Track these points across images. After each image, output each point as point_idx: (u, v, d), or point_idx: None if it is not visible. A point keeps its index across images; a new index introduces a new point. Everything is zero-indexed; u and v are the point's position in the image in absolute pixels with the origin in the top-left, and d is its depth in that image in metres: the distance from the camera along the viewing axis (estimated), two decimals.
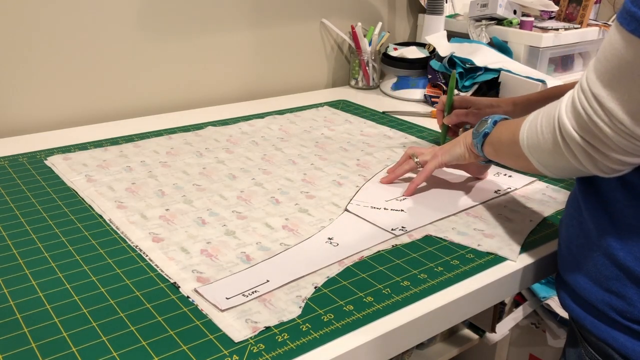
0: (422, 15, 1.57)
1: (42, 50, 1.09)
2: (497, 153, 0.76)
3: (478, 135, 0.78)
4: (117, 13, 1.16)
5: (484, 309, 0.69)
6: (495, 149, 0.75)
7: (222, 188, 0.88)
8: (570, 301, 0.66)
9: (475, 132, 0.79)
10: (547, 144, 0.61)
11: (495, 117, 0.77)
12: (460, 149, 0.83)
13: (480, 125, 0.79)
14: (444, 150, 0.85)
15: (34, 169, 0.93)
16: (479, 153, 0.79)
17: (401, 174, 0.90)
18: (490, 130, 0.76)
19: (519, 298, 1.35)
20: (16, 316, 0.58)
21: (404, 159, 0.91)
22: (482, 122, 0.78)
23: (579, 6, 1.45)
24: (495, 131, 0.75)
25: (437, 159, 0.85)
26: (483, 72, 1.28)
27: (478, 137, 0.78)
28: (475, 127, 0.80)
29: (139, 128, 1.13)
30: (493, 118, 0.77)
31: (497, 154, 0.76)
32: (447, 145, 0.86)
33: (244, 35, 1.34)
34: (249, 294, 0.62)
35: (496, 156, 0.77)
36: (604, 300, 0.61)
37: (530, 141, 0.64)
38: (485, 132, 0.76)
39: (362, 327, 0.58)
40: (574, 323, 0.69)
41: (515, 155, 0.68)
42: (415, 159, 0.89)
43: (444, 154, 0.85)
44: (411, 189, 0.87)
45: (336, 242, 0.74)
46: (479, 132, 0.78)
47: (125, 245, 0.72)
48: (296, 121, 1.20)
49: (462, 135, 0.85)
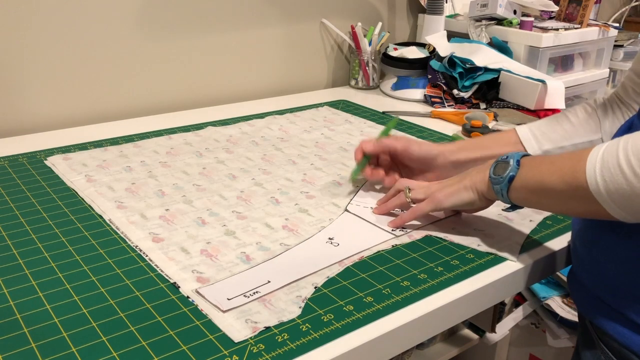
0: (422, 15, 1.57)
1: (42, 51, 1.09)
2: (533, 198, 0.65)
3: (500, 180, 0.67)
4: (117, 13, 1.16)
5: (484, 309, 0.69)
6: (532, 194, 0.65)
7: (222, 188, 0.88)
8: (588, 304, 0.65)
9: (493, 176, 0.68)
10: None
11: (515, 155, 0.67)
12: (468, 194, 0.72)
13: (499, 167, 0.68)
14: (445, 193, 0.73)
15: (34, 169, 0.93)
16: (504, 200, 0.68)
17: (391, 208, 0.80)
18: (516, 173, 0.66)
19: (519, 298, 1.35)
20: (16, 316, 0.58)
21: (394, 192, 0.81)
22: (501, 164, 0.68)
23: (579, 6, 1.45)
24: (526, 172, 0.65)
25: (434, 202, 0.74)
26: (483, 72, 1.28)
27: (501, 182, 0.67)
28: (493, 169, 0.69)
29: (139, 128, 1.13)
30: (513, 157, 0.67)
31: (534, 199, 0.65)
32: (448, 186, 0.74)
33: (243, 35, 1.34)
34: (250, 295, 0.62)
35: (531, 201, 0.66)
36: (626, 304, 0.60)
37: (612, 185, 0.54)
38: (510, 175, 0.66)
39: (362, 327, 0.58)
40: (592, 326, 0.68)
41: (571, 199, 0.59)
42: (407, 194, 0.77)
43: (446, 197, 0.73)
44: (397, 223, 0.77)
45: (337, 242, 0.74)
46: (501, 177, 0.67)
47: (125, 246, 0.72)
48: (296, 121, 1.20)
49: (464, 176, 0.73)
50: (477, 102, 1.30)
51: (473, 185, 0.71)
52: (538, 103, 1.22)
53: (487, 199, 0.71)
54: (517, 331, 1.35)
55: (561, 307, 1.28)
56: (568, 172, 0.59)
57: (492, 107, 1.28)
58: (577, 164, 0.58)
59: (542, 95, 1.21)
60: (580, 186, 0.57)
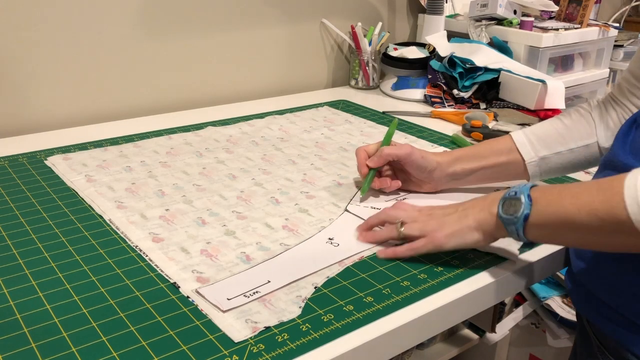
0: (422, 15, 1.57)
1: (42, 51, 1.09)
2: (557, 235, 0.61)
3: (515, 220, 0.61)
4: (117, 13, 1.16)
5: (484, 309, 0.69)
6: (556, 231, 0.60)
7: (222, 188, 0.88)
8: (587, 304, 0.65)
9: (505, 215, 0.62)
10: None
11: (524, 189, 0.62)
12: (472, 236, 0.66)
13: (508, 205, 0.62)
14: (446, 233, 0.66)
15: (34, 169, 0.93)
16: (519, 239, 0.63)
17: (380, 241, 0.72)
18: (530, 210, 0.60)
19: (519, 298, 1.35)
20: (16, 316, 0.58)
21: (379, 221, 0.73)
22: (510, 201, 0.62)
23: (579, 6, 1.45)
24: (544, 208, 0.60)
25: (434, 244, 0.67)
26: (483, 72, 1.28)
27: (516, 222, 0.61)
28: (502, 208, 0.63)
29: (139, 128, 1.13)
30: (522, 191, 0.61)
31: (558, 236, 0.61)
32: (448, 224, 0.67)
33: (244, 35, 1.34)
34: (250, 295, 0.62)
35: (554, 238, 0.63)
36: (625, 304, 0.60)
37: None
38: (525, 214, 0.60)
39: (362, 327, 0.58)
40: (590, 326, 0.68)
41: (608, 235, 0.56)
42: (400, 230, 0.69)
43: (447, 239, 0.66)
44: (389, 255, 0.70)
45: (337, 242, 0.74)
46: (515, 217, 0.61)
47: (125, 246, 0.72)
48: (296, 121, 1.20)
49: (464, 212, 0.67)
50: (477, 102, 1.30)
51: (478, 225, 0.65)
52: (538, 103, 1.22)
53: (494, 237, 0.66)
54: (517, 331, 1.35)
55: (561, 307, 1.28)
56: (601, 207, 0.54)
57: (492, 107, 1.28)
58: (611, 198, 0.54)
59: (542, 95, 1.21)
60: (620, 221, 0.53)
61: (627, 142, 0.66)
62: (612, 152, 0.68)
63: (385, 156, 0.83)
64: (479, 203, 0.67)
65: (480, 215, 0.65)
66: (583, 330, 0.70)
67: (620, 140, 0.67)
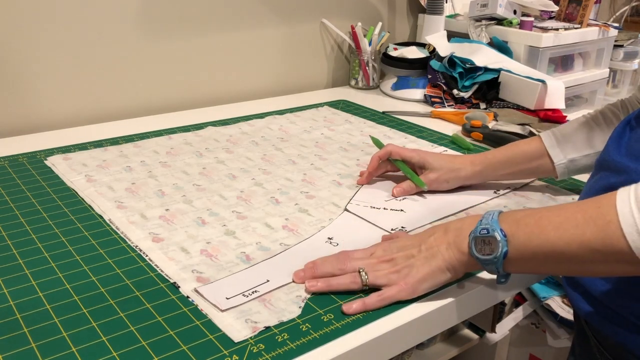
0: (422, 15, 1.57)
1: (42, 51, 1.09)
2: (542, 267, 0.58)
3: (494, 260, 0.58)
4: (117, 13, 1.16)
5: (484, 309, 0.69)
6: (541, 264, 0.57)
7: (222, 188, 0.88)
8: (585, 304, 0.65)
9: (482, 257, 0.58)
10: None
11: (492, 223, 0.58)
12: (445, 276, 0.62)
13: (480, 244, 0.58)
14: (417, 278, 0.61)
15: (34, 169, 0.93)
16: (499, 275, 0.60)
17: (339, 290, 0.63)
18: (508, 246, 0.57)
19: (519, 298, 1.35)
20: (16, 316, 0.58)
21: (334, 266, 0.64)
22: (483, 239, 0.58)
23: (579, 6, 1.45)
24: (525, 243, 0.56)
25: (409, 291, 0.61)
26: (483, 72, 1.28)
27: (496, 262, 0.58)
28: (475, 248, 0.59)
29: (139, 128, 1.13)
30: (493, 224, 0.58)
31: (544, 268, 0.58)
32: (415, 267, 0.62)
33: (243, 35, 1.34)
34: (249, 294, 0.62)
35: (541, 269, 0.59)
36: (623, 304, 0.60)
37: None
38: (504, 251, 0.57)
39: (362, 327, 0.58)
40: (588, 325, 0.68)
41: (602, 264, 0.52)
42: (364, 278, 0.62)
43: (420, 283, 0.62)
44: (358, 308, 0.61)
45: (336, 242, 0.74)
46: (495, 257, 0.57)
47: (125, 245, 0.72)
48: (296, 121, 1.20)
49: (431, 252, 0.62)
50: (477, 102, 1.30)
51: (449, 265, 0.61)
52: (538, 103, 1.22)
53: (466, 272, 0.64)
54: (517, 331, 1.35)
55: (561, 307, 1.28)
56: (594, 239, 0.51)
57: (492, 107, 1.28)
58: (605, 228, 0.51)
59: (542, 95, 1.21)
60: (619, 252, 0.50)
61: (621, 144, 0.66)
62: (606, 153, 0.67)
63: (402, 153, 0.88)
64: (443, 239, 0.62)
65: (449, 254, 0.61)
66: (581, 330, 0.70)
67: (615, 142, 0.67)
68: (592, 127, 0.82)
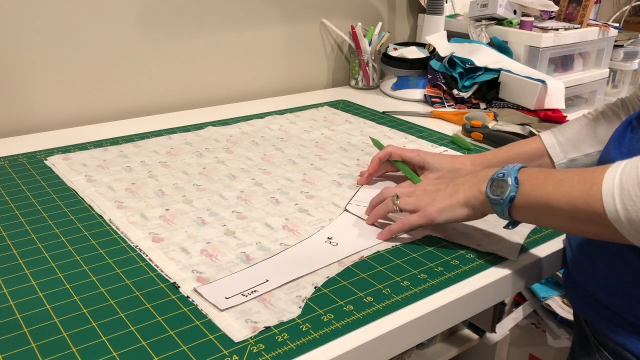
0: (422, 15, 1.57)
1: (42, 51, 1.09)
2: (538, 217, 0.63)
3: (501, 201, 0.63)
4: (118, 13, 1.16)
5: (484, 309, 0.69)
6: (537, 214, 0.62)
7: (222, 188, 0.88)
8: (585, 305, 0.65)
9: (492, 196, 0.65)
10: None
11: (511, 171, 0.64)
12: (463, 211, 0.69)
13: (496, 186, 0.64)
14: (438, 208, 0.69)
15: (34, 169, 0.93)
16: (504, 218, 0.66)
17: (379, 217, 0.76)
18: (516, 192, 0.63)
19: (519, 298, 1.35)
20: (16, 316, 0.58)
21: (379, 199, 0.77)
22: (497, 182, 0.64)
23: (579, 6, 1.45)
24: (529, 192, 0.62)
25: (426, 217, 0.70)
26: (483, 72, 1.28)
27: (502, 203, 0.64)
28: (489, 188, 0.65)
29: (139, 128, 1.13)
30: (510, 173, 0.63)
31: (539, 219, 0.63)
32: (440, 199, 0.70)
33: (244, 35, 1.34)
34: (248, 294, 0.62)
35: (535, 220, 0.65)
36: (623, 304, 0.60)
37: (635, 214, 0.51)
38: (510, 196, 0.63)
39: (362, 327, 0.58)
40: (588, 325, 0.68)
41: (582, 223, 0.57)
42: (395, 202, 0.73)
43: (439, 213, 0.69)
44: (385, 236, 0.73)
45: (336, 241, 0.74)
46: (501, 198, 0.63)
47: (125, 245, 0.72)
48: (296, 121, 1.20)
49: (455, 188, 0.70)
50: (477, 102, 1.30)
51: (467, 201, 0.68)
52: (538, 103, 1.22)
53: (483, 213, 0.69)
54: (517, 331, 1.35)
55: (561, 307, 1.28)
56: (579, 197, 0.55)
57: (492, 107, 1.28)
58: (589, 190, 0.55)
59: (542, 95, 1.21)
60: (596, 213, 0.54)
61: (623, 144, 0.66)
62: (607, 153, 0.68)
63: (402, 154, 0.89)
64: (470, 180, 0.69)
65: (470, 192, 0.68)
66: (581, 330, 0.70)
67: (616, 142, 0.67)
68: (592, 126, 0.82)
